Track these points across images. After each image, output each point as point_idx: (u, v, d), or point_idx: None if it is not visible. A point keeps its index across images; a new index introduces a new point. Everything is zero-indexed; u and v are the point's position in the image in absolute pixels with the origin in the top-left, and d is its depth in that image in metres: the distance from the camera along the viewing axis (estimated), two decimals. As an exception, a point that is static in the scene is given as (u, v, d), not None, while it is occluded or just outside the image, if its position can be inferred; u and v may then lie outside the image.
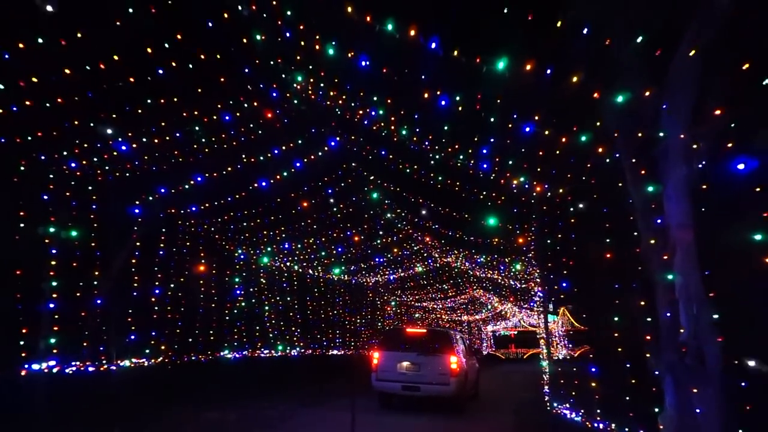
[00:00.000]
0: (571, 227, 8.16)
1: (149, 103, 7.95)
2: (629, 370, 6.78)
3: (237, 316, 15.78)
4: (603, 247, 7.32)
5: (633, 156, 6.04)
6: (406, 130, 8.33)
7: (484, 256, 15.50)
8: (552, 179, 7.93)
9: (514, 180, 8.69)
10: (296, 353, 18.88)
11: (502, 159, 7.72)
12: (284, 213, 13.60)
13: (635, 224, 6.72)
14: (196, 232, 13.95)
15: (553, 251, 9.20)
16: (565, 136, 6.20)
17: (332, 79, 7.65)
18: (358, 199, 14.07)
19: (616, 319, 6.91)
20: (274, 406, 12.22)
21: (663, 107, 5.36)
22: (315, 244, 15.71)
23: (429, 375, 10.79)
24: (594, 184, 7.18)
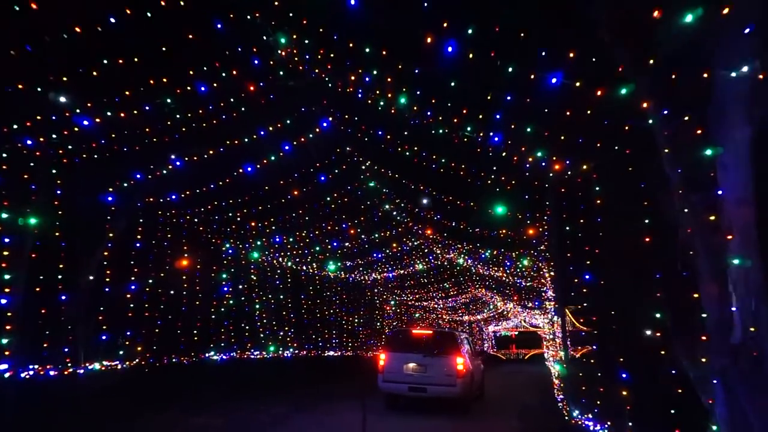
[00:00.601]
0: (597, 210, 6.96)
1: (105, 64, 6.75)
2: (674, 377, 5.58)
3: (224, 314, 14.57)
4: (639, 231, 6.13)
5: (677, 111, 4.85)
6: (404, 96, 7.13)
7: (489, 250, 14.31)
8: (576, 152, 6.73)
9: (529, 157, 7.49)
10: (289, 354, 17.66)
11: (518, 127, 6.52)
12: (274, 203, 12.41)
13: (678, 202, 5.56)
14: (178, 223, 12.76)
15: (572, 240, 8.00)
16: (601, 87, 5.01)
17: (317, 30, 6.46)
18: (354, 188, 12.87)
19: (657, 316, 5.70)
20: (266, 410, 11.27)
21: (724, 41, 4.21)
22: (308, 237, 14.51)
23: (435, 376, 10.71)
24: (630, 155, 5.98)
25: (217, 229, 13.84)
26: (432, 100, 6.82)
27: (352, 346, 22.36)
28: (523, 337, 51.84)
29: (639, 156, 5.95)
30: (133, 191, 11.16)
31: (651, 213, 6.12)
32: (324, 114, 10.59)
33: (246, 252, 15.49)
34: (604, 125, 5.67)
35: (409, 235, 16.39)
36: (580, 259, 7.59)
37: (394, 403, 11.61)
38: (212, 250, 14.31)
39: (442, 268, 22.49)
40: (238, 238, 14.24)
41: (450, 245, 15.21)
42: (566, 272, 8.37)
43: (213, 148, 10.59)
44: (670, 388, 5.70)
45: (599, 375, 7.29)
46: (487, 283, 23.98)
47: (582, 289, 7.60)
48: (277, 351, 17.04)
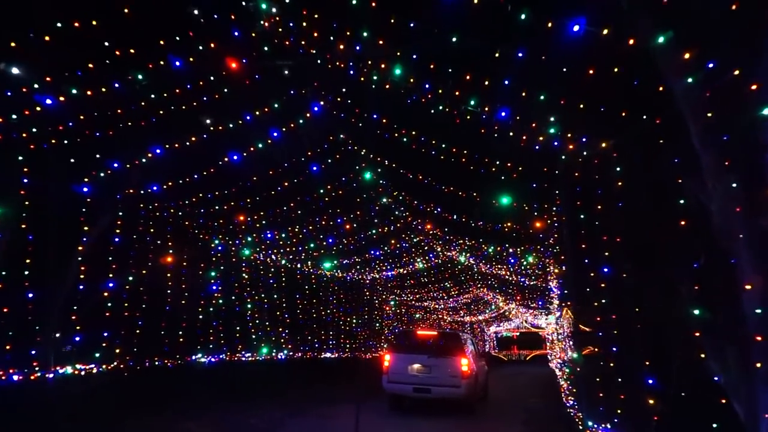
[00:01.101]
0: (618, 194, 6.09)
1: (60, 28, 5.90)
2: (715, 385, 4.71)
3: (213, 315, 13.70)
4: (670, 215, 5.27)
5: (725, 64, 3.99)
6: (399, 66, 6.27)
7: (492, 246, 13.43)
8: (594, 127, 5.87)
9: (539, 136, 6.63)
10: (283, 356, 16.78)
11: (530, 96, 5.66)
12: (263, 195, 11.54)
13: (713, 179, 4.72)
14: (161, 217, 11.89)
15: (588, 229, 7.12)
16: (634, 36, 4.14)
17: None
18: (349, 180, 12.00)
19: (696, 313, 4.83)
20: (259, 414, 10.60)
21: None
22: (301, 233, 13.64)
23: (440, 377, 10.70)
24: (662, 124, 5.12)
25: (203, 224, 12.98)
26: (431, 66, 5.96)
27: (350, 347, 21.48)
28: (524, 337, 51.47)
29: (670, 127, 5.09)
30: (111, 182, 10.31)
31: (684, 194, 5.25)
32: (315, 97, 9.74)
33: (236, 249, 14.62)
34: (631, 89, 4.82)
35: (408, 232, 15.51)
36: (598, 250, 6.72)
37: (399, 404, 11.51)
38: (200, 246, 13.45)
39: (443, 267, 21.63)
40: (227, 234, 13.37)
41: (451, 241, 14.34)
42: (580, 266, 7.49)
43: (195, 135, 9.75)
44: (711, 398, 4.83)
45: (620, 380, 6.42)
46: (489, 283, 23.11)
47: (599, 284, 6.72)
48: (271, 353, 16.17)
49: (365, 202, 12.96)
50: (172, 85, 8.03)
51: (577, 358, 7.67)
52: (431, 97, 6.76)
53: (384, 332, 25.78)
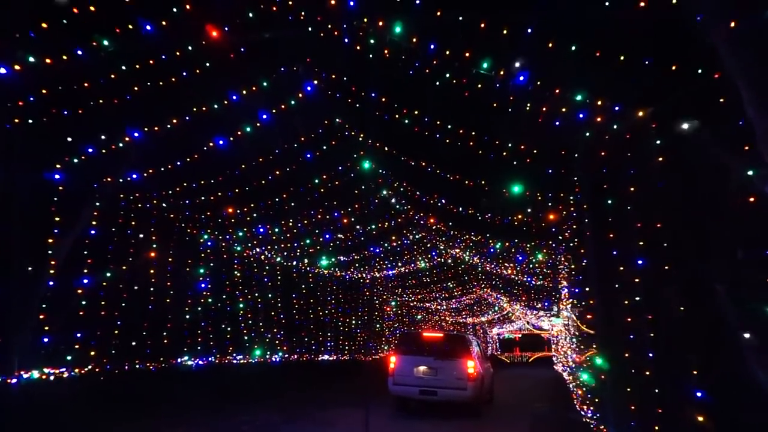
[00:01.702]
0: (657, 172, 5.12)
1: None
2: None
3: (202, 315, 12.74)
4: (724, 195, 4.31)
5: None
6: (399, 23, 5.31)
7: (500, 242, 12.45)
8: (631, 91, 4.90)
9: (561, 107, 5.66)
10: (278, 359, 15.82)
11: (557, 50, 4.69)
12: (253, 185, 10.60)
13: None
14: (144, 208, 10.94)
15: (616, 216, 6.14)
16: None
17: None
18: (346, 170, 11.05)
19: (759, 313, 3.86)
20: (252, 420, 9.75)
21: None
22: (296, 228, 12.68)
23: (446, 379, 10.57)
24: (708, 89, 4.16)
25: (190, 217, 12.00)
26: (436, 14, 4.98)
27: (349, 349, 20.50)
28: (526, 339, 51.13)
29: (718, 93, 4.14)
30: (86, 169, 9.37)
31: (735, 172, 4.30)
32: (307, 75, 8.80)
33: (227, 244, 13.66)
34: (674, 48, 3.88)
35: (410, 227, 14.56)
36: (629, 240, 5.74)
37: (404, 407, 11.37)
38: (187, 241, 12.49)
39: (446, 266, 20.70)
40: (217, 228, 12.41)
41: (456, 237, 13.37)
42: (606, 259, 6.51)
43: (176, 117, 8.81)
44: None
45: (657, 392, 5.43)
46: (494, 283, 22.13)
47: (631, 279, 5.74)
48: (264, 355, 15.21)
49: (364, 194, 12.01)
50: (144, 55, 7.09)
51: (602, 363, 6.69)
52: (437, 64, 5.79)
53: (385, 334, 24.81)
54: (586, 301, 7.58)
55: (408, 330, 26.14)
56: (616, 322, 6.28)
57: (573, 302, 10.98)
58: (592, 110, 5.45)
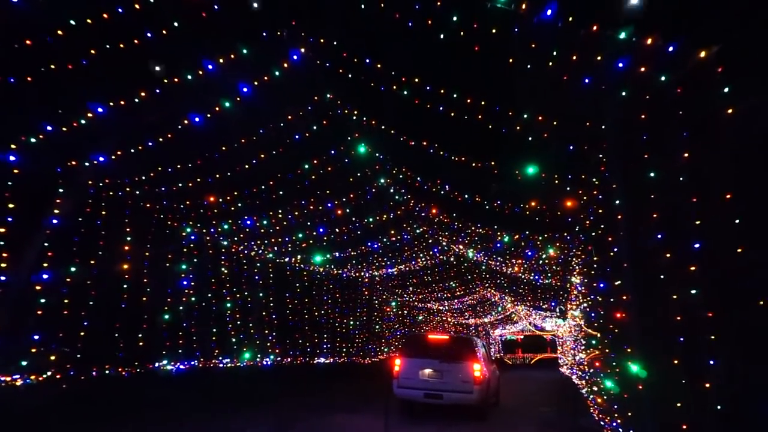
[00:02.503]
0: (724, 129, 3.96)
1: None
2: None
3: (184, 315, 11.60)
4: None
5: None
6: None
7: (508, 235, 11.27)
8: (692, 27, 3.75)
9: (597, 55, 4.49)
10: (269, 362, 14.66)
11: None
12: (235, 170, 9.46)
13: None
14: (116, 196, 9.80)
15: (661, 192, 4.98)
16: None
17: None
18: (339, 154, 9.91)
19: None
20: (240, 429, 8.66)
21: None
22: (286, 220, 11.52)
23: (452, 382, 10.29)
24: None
25: (168, 207, 10.81)
26: None
27: (347, 351, 19.32)
28: (528, 341, 50.44)
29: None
30: (46, 150, 8.25)
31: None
32: (293, 41, 7.66)
33: (212, 238, 12.51)
34: None
35: (410, 221, 13.40)
36: (682, 218, 4.58)
37: (410, 409, 11.13)
38: (167, 234, 11.35)
39: (449, 265, 19.56)
40: (199, 220, 11.26)
41: (460, 230, 12.20)
42: (644, 245, 5.35)
43: (144, 88, 7.68)
44: None
45: (720, 408, 4.27)
46: (498, 282, 20.95)
47: (684, 266, 4.57)
48: (255, 358, 14.05)
49: (359, 182, 10.86)
50: (94, 6, 5.95)
51: (639, 370, 5.53)
52: (440, 4, 4.63)
53: (385, 335, 23.63)
54: (615, 297, 6.41)
55: (413, 332, 25.55)
56: (660, 322, 5.12)
57: (588, 300, 9.81)
58: (637, 55, 4.30)
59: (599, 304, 7.79)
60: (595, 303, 8.29)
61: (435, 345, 11.03)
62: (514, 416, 11.64)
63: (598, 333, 8.32)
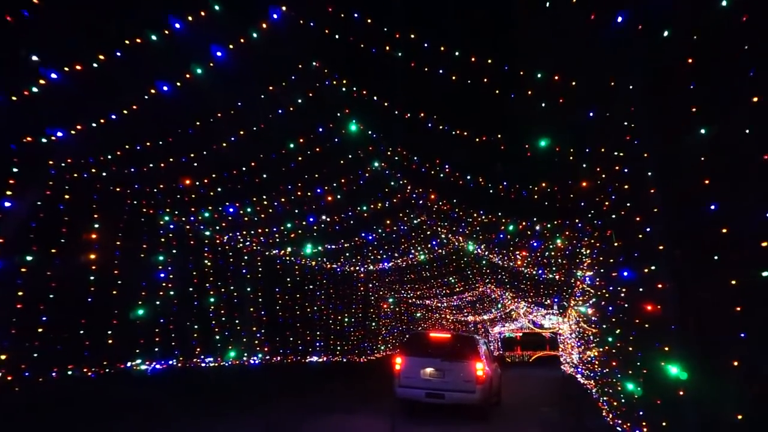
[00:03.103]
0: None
1: None
2: None
3: (161, 310, 10.59)
4: None
5: None
6: None
7: (514, 223, 10.27)
8: None
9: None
10: (257, 361, 13.66)
11: None
12: (211, 148, 8.44)
13: None
14: (81, 178, 8.78)
15: (717, 150, 3.98)
16: None
17: None
18: (329, 132, 8.91)
19: None
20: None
21: None
22: (271, 207, 10.51)
23: (454, 382, 10.09)
24: None
25: (141, 191, 9.77)
26: None
27: (342, 349, 18.32)
28: (527, 338, 49.03)
29: None
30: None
31: None
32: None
33: (193, 228, 11.48)
34: None
35: (407, 210, 12.39)
36: (747, 181, 3.58)
37: (411, 409, 10.89)
38: (142, 222, 10.34)
39: (448, 259, 18.57)
40: (177, 206, 10.24)
41: (460, 218, 11.19)
42: (689, 221, 4.35)
43: (102, 52, 6.67)
44: None
45: None
46: (499, 277, 19.95)
47: (750, 243, 3.57)
48: (241, 357, 13.05)
49: (351, 165, 9.86)
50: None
51: (680, 372, 4.54)
52: None
53: (381, 332, 22.64)
54: (645, 286, 5.41)
55: (413, 330, 25.00)
56: (711, 313, 4.13)
57: (603, 293, 8.81)
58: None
59: (620, 297, 6.79)
60: (613, 296, 7.28)
61: (437, 343, 10.80)
62: (516, 416, 11.34)
63: (618, 329, 7.31)
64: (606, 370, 9.20)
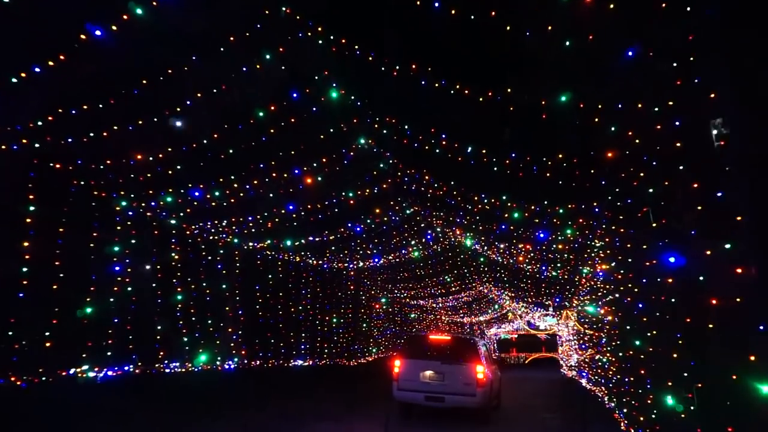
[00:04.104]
0: None
1: None
2: None
3: (115, 309, 9.12)
4: None
5: None
6: None
7: (519, 209, 8.83)
8: None
9: None
10: (232, 365, 12.19)
11: None
12: (164, 114, 7.00)
13: None
14: (9, 151, 7.30)
15: None
16: None
17: None
18: (305, 99, 7.47)
19: None
20: None
21: None
22: (242, 190, 9.06)
23: (454, 385, 9.87)
24: None
25: (85, 168, 8.21)
26: None
27: (329, 352, 16.85)
28: (523, 340, 48.59)
29: None
30: None
31: None
32: None
33: (156, 215, 10.01)
34: None
35: (398, 198, 10.99)
36: None
37: (409, 413, 10.58)
38: (93, 206, 8.87)
39: (443, 257, 17.18)
40: (131, 188, 8.76)
41: (458, 205, 9.75)
42: None
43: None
44: None
45: None
46: (498, 275, 18.55)
47: None
48: (214, 362, 11.58)
49: (333, 142, 8.42)
50: None
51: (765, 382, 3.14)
52: None
53: (373, 334, 21.19)
54: (712, 272, 4.00)
55: (410, 332, 24.19)
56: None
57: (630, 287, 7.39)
58: None
59: (659, 290, 5.37)
60: (647, 290, 5.87)
61: (436, 345, 10.56)
62: (517, 422, 10.85)
63: (652, 330, 5.90)
64: (628, 378, 7.79)
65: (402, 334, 24.76)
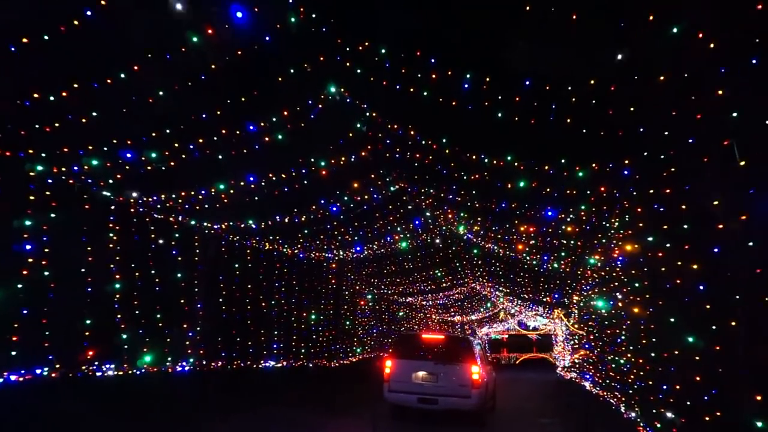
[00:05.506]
0: None
1: None
2: None
3: (23, 298, 7.23)
4: None
5: None
6: None
7: (526, 176, 7.06)
8: None
9: None
10: (187, 367, 10.32)
11: None
12: (58, 31, 5.16)
13: None
14: None
15: None
16: None
17: None
18: (251, 22, 5.66)
19: None
20: None
21: None
22: (186, 151, 7.20)
23: (448, 386, 9.38)
24: None
25: (12, 134, 6.42)
26: None
27: (306, 353, 15.01)
28: (513, 340, 47.50)
29: None
30: None
31: None
32: None
33: (81, 182, 8.09)
34: None
35: (380, 171, 9.21)
36: None
37: (401, 415, 10.14)
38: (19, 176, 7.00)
39: (434, 248, 15.48)
40: (41, 145, 6.84)
41: (452, 177, 7.96)
42: None
43: None
44: None
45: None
46: (493, 269, 16.86)
47: None
48: (163, 363, 9.72)
49: (294, 87, 6.62)
50: None
51: None
52: None
53: (357, 333, 19.39)
54: None
55: (401, 331, 23.25)
56: None
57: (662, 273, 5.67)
58: None
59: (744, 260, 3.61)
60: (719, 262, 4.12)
61: (429, 345, 10.15)
62: (513, 426, 10.32)
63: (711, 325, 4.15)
64: (670, 386, 6.02)
65: (390, 333, 23.03)
